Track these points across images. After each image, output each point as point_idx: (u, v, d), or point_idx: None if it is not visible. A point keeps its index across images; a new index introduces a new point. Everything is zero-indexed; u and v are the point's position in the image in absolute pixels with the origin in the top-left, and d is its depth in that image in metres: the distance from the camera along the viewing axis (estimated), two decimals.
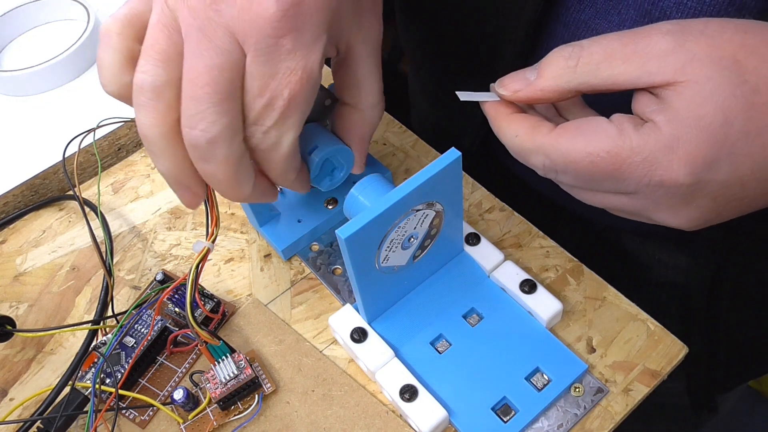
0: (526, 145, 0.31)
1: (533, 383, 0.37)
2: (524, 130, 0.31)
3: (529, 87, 0.31)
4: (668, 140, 0.27)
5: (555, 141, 0.30)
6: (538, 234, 0.44)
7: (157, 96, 0.30)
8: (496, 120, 0.33)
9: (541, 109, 0.34)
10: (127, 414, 0.38)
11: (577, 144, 0.29)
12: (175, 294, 0.40)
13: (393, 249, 0.36)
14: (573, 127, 0.30)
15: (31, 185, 0.50)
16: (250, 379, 0.37)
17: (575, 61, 0.29)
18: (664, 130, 0.28)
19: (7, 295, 0.45)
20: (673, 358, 0.38)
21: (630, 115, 0.30)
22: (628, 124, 0.29)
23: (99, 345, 0.39)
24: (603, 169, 0.29)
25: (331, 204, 0.45)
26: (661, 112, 0.28)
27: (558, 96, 0.31)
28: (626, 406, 0.36)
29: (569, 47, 0.30)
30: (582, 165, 0.29)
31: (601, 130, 0.29)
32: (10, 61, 0.60)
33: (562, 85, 0.30)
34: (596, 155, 0.29)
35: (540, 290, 0.39)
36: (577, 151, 0.29)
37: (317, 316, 0.41)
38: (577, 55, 0.30)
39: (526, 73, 0.32)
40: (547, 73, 0.30)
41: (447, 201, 0.36)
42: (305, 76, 0.30)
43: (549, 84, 0.30)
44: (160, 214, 0.48)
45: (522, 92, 0.31)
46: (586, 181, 0.30)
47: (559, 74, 0.30)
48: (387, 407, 0.37)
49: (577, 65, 0.29)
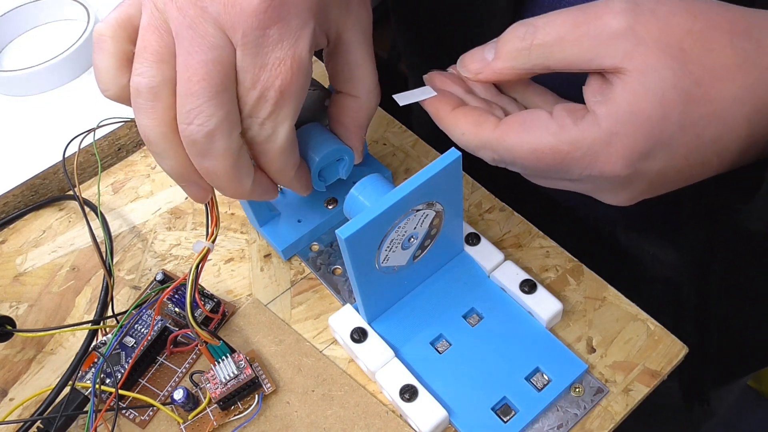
0: (473, 142, 0.32)
1: (533, 383, 0.37)
2: (469, 127, 0.32)
3: (488, 69, 0.32)
4: (606, 136, 0.29)
5: (500, 138, 0.31)
6: (538, 234, 0.44)
7: (154, 97, 0.31)
8: (440, 118, 0.34)
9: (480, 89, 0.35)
10: (127, 414, 0.38)
11: (521, 141, 0.30)
12: (175, 294, 0.40)
13: (393, 249, 0.36)
14: (516, 124, 0.31)
15: (31, 185, 0.50)
16: (250, 379, 0.37)
17: (529, 43, 0.30)
18: (602, 125, 0.29)
19: (7, 295, 0.45)
20: (673, 358, 0.38)
21: (570, 106, 0.31)
22: (568, 119, 0.30)
23: (99, 345, 0.39)
24: (548, 164, 0.30)
25: (331, 204, 0.45)
26: (603, 105, 0.29)
27: (515, 77, 0.32)
28: (626, 406, 0.36)
29: (524, 26, 0.31)
30: (528, 160, 0.31)
31: (543, 126, 0.30)
32: (10, 61, 0.60)
33: (518, 66, 0.31)
34: (540, 151, 0.30)
35: (540, 290, 0.39)
36: (522, 148, 0.30)
37: (317, 316, 0.41)
38: (531, 36, 0.30)
39: (484, 52, 0.33)
40: (503, 54, 0.31)
41: (447, 201, 0.36)
42: (295, 65, 0.30)
43: (506, 65, 0.32)
44: (160, 214, 0.48)
45: (482, 74, 0.33)
46: (533, 171, 0.32)
47: (514, 56, 0.31)
48: (387, 407, 0.37)
49: (531, 47, 0.30)
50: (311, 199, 0.45)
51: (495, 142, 0.31)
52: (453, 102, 0.34)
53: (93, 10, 0.60)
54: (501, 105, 0.34)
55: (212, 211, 0.37)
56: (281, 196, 0.45)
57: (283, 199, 0.45)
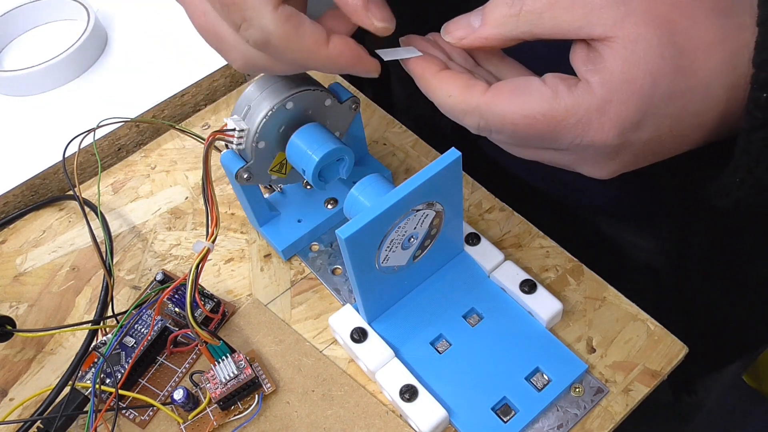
0: (460, 105, 0.31)
1: (533, 383, 0.37)
2: (458, 90, 0.31)
3: (474, 35, 0.32)
4: (600, 103, 0.29)
5: (491, 102, 0.30)
6: (538, 234, 0.44)
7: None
8: (425, 78, 0.33)
9: (459, 59, 0.34)
10: (127, 414, 0.38)
11: (514, 106, 0.30)
12: (175, 294, 0.40)
13: (393, 249, 0.36)
14: (508, 89, 0.30)
15: (31, 185, 0.50)
16: (250, 379, 0.37)
17: (518, 9, 0.30)
18: (596, 92, 0.29)
19: (7, 295, 0.45)
20: (673, 358, 0.38)
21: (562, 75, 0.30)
22: (562, 86, 0.30)
23: (99, 345, 0.39)
24: (539, 130, 0.30)
25: (331, 204, 0.45)
26: (596, 73, 0.29)
27: (501, 44, 0.32)
28: (626, 406, 0.36)
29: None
30: (519, 126, 0.30)
31: (537, 92, 0.30)
32: (10, 61, 0.60)
33: (506, 33, 0.31)
34: (533, 117, 0.30)
35: (540, 290, 0.39)
36: (514, 113, 0.30)
37: (317, 316, 0.41)
38: (520, 2, 0.30)
39: (470, 19, 0.32)
40: (490, 21, 0.31)
41: (447, 201, 0.36)
42: None
43: (493, 32, 0.31)
44: (160, 214, 0.48)
45: (466, 40, 0.32)
46: (520, 139, 0.31)
47: (502, 22, 0.31)
48: (387, 407, 0.37)
49: (520, 13, 0.30)
50: (311, 199, 0.45)
51: (484, 107, 0.31)
52: (439, 64, 0.33)
53: (93, 10, 0.60)
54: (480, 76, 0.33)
55: (212, 211, 0.37)
56: (281, 196, 0.45)
57: (283, 199, 0.45)
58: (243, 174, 0.38)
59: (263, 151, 0.38)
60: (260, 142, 0.37)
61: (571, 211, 0.54)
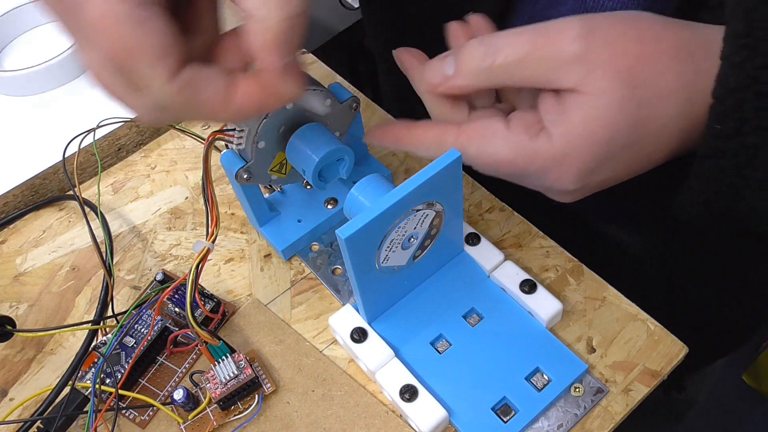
0: (438, 153, 0.35)
1: (533, 383, 0.37)
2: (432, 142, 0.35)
3: (448, 83, 0.34)
4: (559, 155, 0.32)
5: (462, 147, 0.34)
6: (538, 234, 0.44)
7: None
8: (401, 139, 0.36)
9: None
10: (127, 414, 0.38)
11: (481, 152, 0.34)
12: (175, 294, 0.40)
13: (393, 249, 0.36)
14: (477, 136, 0.34)
15: (31, 185, 0.50)
16: (250, 379, 0.37)
17: (490, 62, 0.33)
18: (556, 144, 0.32)
19: (7, 295, 0.45)
20: (673, 358, 0.38)
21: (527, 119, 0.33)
22: (524, 136, 0.33)
23: (99, 345, 0.39)
24: (505, 172, 0.34)
25: (331, 204, 0.45)
26: (558, 125, 0.32)
27: (474, 91, 0.35)
28: (626, 406, 0.36)
29: (484, 46, 0.33)
30: (487, 168, 0.34)
31: (501, 140, 0.33)
32: (10, 61, 0.60)
33: (478, 84, 0.34)
34: (498, 163, 0.33)
35: (540, 290, 0.39)
36: (482, 158, 0.34)
37: (317, 316, 0.41)
38: (492, 56, 0.32)
39: (444, 66, 0.34)
40: (464, 71, 0.33)
41: (447, 201, 0.36)
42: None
43: (466, 82, 0.34)
44: (160, 214, 0.48)
45: (441, 87, 0.35)
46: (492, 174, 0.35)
47: (475, 74, 0.33)
48: (387, 407, 0.37)
49: (492, 67, 0.33)
50: (311, 199, 0.45)
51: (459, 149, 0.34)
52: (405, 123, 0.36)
53: None
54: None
55: (212, 211, 0.37)
56: (281, 196, 0.45)
57: (284, 199, 0.45)
58: (243, 174, 0.38)
59: (263, 151, 0.38)
60: (260, 142, 0.37)
61: (566, 210, 0.55)
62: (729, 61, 0.30)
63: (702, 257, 0.51)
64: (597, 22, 0.32)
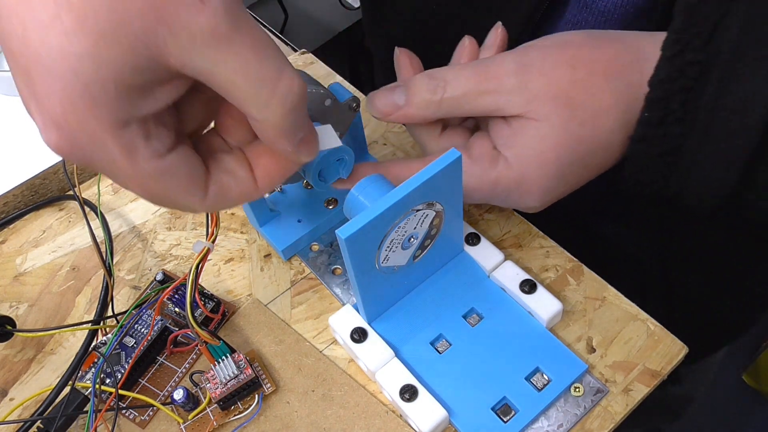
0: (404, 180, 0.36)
1: (533, 383, 0.37)
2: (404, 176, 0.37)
3: (399, 113, 0.37)
4: (518, 177, 0.36)
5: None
6: (538, 234, 0.44)
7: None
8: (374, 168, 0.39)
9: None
10: (127, 414, 0.38)
11: None
12: (175, 294, 0.40)
13: (393, 249, 0.36)
14: None
15: (31, 185, 0.50)
16: (250, 379, 0.37)
17: (439, 97, 0.36)
18: (513, 167, 0.36)
19: (7, 295, 0.45)
20: (673, 358, 0.38)
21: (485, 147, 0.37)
22: (486, 163, 0.36)
23: (99, 345, 0.39)
24: (472, 197, 0.38)
25: (331, 204, 0.45)
26: (510, 148, 0.36)
27: (424, 121, 0.39)
28: (626, 406, 0.36)
29: (433, 81, 0.36)
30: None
31: (467, 172, 0.36)
32: None
33: (429, 116, 0.37)
34: (467, 191, 0.37)
35: (540, 290, 0.39)
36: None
37: (317, 316, 0.41)
38: (441, 91, 0.36)
39: (394, 96, 0.37)
40: (414, 103, 0.37)
41: (447, 201, 0.36)
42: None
43: (417, 113, 0.37)
44: (160, 214, 0.48)
45: (392, 116, 0.37)
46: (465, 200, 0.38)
47: (425, 107, 0.36)
48: (387, 407, 0.37)
49: (441, 101, 0.36)
50: (311, 199, 0.45)
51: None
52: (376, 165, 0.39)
53: None
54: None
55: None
56: (281, 196, 0.45)
57: (284, 199, 0.45)
58: None
59: None
60: None
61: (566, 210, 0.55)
62: (664, 53, 0.32)
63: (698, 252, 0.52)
64: (530, 57, 0.35)
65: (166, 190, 0.27)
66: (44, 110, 0.24)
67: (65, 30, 0.23)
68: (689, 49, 0.32)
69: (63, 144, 0.25)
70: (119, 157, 0.25)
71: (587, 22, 0.42)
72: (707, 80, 0.32)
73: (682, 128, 0.33)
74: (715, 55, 0.31)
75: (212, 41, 0.24)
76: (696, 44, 0.31)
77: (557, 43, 0.36)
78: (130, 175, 0.26)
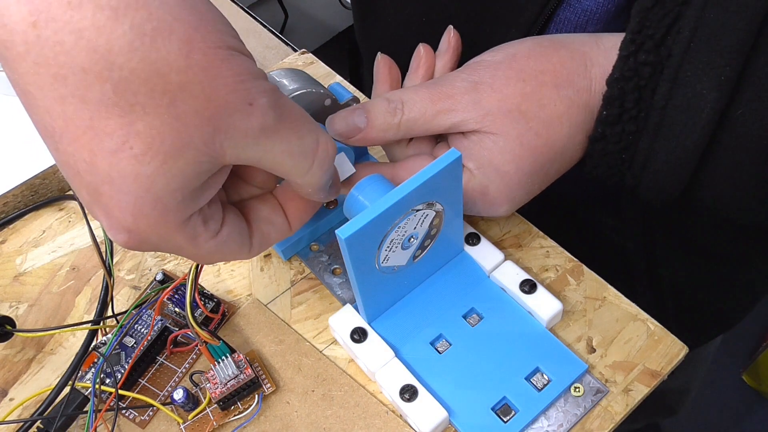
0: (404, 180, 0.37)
1: (533, 383, 0.37)
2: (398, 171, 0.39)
3: (360, 135, 0.38)
4: (481, 188, 0.37)
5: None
6: (538, 234, 0.44)
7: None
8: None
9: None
10: (127, 414, 0.38)
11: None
12: (175, 294, 0.40)
13: (393, 249, 0.36)
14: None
15: (31, 185, 0.50)
16: (250, 379, 0.37)
17: (398, 120, 0.37)
18: (476, 178, 0.37)
19: (7, 295, 0.45)
20: (674, 358, 0.38)
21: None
22: None
23: (99, 345, 0.39)
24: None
25: (331, 204, 0.45)
26: (471, 160, 0.37)
27: (384, 143, 0.40)
28: (626, 406, 0.36)
29: (392, 104, 0.37)
30: None
31: None
32: None
33: (389, 137, 0.38)
34: None
35: (540, 290, 0.39)
36: None
37: (317, 316, 0.41)
38: (399, 114, 0.37)
39: (354, 118, 0.38)
40: (374, 126, 0.37)
41: (447, 201, 0.36)
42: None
43: (377, 136, 0.38)
44: None
45: (353, 139, 0.38)
46: None
47: (385, 129, 0.37)
48: (387, 407, 0.37)
49: (400, 123, 0.37)
50: None
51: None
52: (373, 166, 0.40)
53: None
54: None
55: None
56: None
57: None
58: None
59: None
60: None
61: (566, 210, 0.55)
62: (621, 52, 0.34)
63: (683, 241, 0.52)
64: (480, 74, 0.36)
65: (223, 256, 0.31)
66: (113, 218, 0.26)
67: (135, 155, 0.24)
68: (643, 49, 0.33)
69: (132, 244, 0.27)
70: (185, 245, 0.28)
71: (570, 21, 0.42)
72: (659, 80, 0.33)
73: (637, 126, 0.35)
74: (666, 57, 0.33)
75: (261, 136, 0.27)
76: (649, 46, 0.33)
77: (506, 58, 0.37)
78: (193, 255, 0.29)
